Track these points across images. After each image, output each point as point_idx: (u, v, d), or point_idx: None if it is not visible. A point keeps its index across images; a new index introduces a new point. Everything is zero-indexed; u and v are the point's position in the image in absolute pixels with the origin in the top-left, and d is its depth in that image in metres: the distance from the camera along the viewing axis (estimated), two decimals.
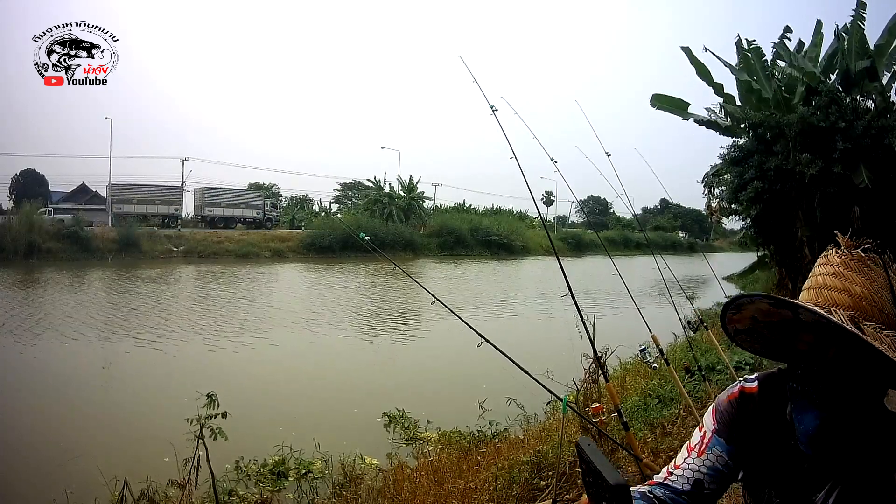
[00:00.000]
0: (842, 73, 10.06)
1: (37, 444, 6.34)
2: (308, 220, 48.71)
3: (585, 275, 21.39)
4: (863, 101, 10.07)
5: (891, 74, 10.03)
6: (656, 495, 1.04)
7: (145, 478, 4.13)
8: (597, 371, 3.36)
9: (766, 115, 10.14)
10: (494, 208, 61.98)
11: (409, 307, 17.45)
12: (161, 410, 6.93)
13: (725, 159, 10.97)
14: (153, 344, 11.59)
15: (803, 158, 9.44)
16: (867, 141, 9.05)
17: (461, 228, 46.08)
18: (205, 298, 18.68)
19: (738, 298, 1.02)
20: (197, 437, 3.44)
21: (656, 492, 1.05)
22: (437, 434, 5.84)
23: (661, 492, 1.05)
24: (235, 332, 12.97)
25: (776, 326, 1.03)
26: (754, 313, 1.03)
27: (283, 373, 9.68)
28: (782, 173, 9.85)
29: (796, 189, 9.92)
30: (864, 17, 9.75)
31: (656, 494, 1.05)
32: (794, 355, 1.00)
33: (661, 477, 1.08)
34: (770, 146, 10.21)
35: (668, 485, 1.06)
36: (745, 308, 1.03)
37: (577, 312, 3.17)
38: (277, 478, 4.89)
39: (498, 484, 3.53)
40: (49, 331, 12.59)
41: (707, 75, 11.22)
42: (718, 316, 1.12)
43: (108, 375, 9.34)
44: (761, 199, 10.17)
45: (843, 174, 9.19)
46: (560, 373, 3.64)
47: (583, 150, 4.79)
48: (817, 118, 9.31)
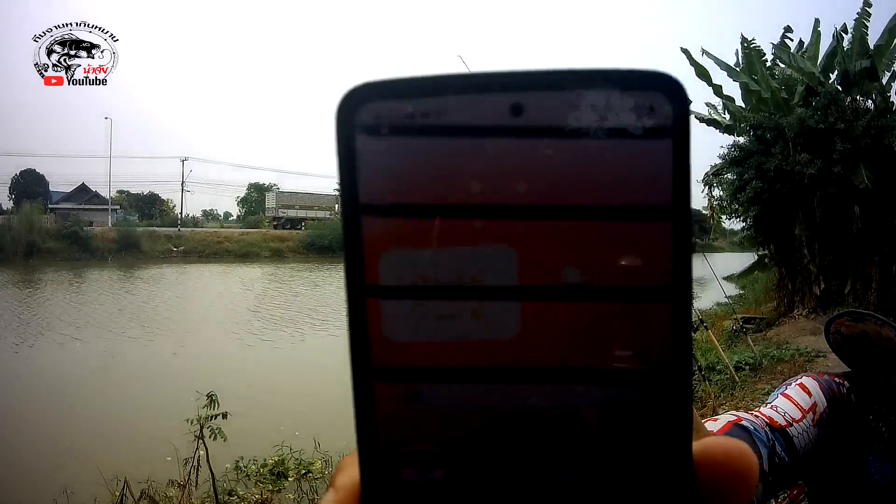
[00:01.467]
0: (841, 73, 10.05)
1: (37, 443, 6.34)
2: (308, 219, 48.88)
3: None
4: (863, 101, 10.06)
5: (891, 74, 10.03)
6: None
7: (145, 478, 4.13)
8: None
9: (766, 115, 10.13)
10: None
11: None
12: (161, 410, 6.92)
13: (725, 159, 10.96)
14: (153, 344, 11.59)
15: (802, 159, 9.43)
16: (867, 141, 9.04)
17: None
18: (204, 298, 18.69)
19: (864, 315, 1.01)
20: (197, 437, 3.45)
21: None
22: None
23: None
24: (235, 331, 12.97)
25: (884, 352, 1.00)
26: (869, 329, 1.01)
27: (283, 372, 9.69)
28: (782, 173, 9.84)
29: (796, 189, 9.91)
30: (869, 13, 9.73)
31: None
32: (884, 388, 0.99)
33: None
34: (770, 146, 10.21)
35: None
36: (865, 321, 1.01)
37: None
38: (277, 478, 4.88)
39: None
40: (49, 330, 12.60)
41: (706, 76, 11.21)
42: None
43: (107, 375, 9.35)
44: (761, 199, 10.17)
45: (843, 174, 9.19)
46: None
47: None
48: (816, 120, 9.30)
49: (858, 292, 9.87)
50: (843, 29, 10.24)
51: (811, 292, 10.32)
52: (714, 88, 11.24)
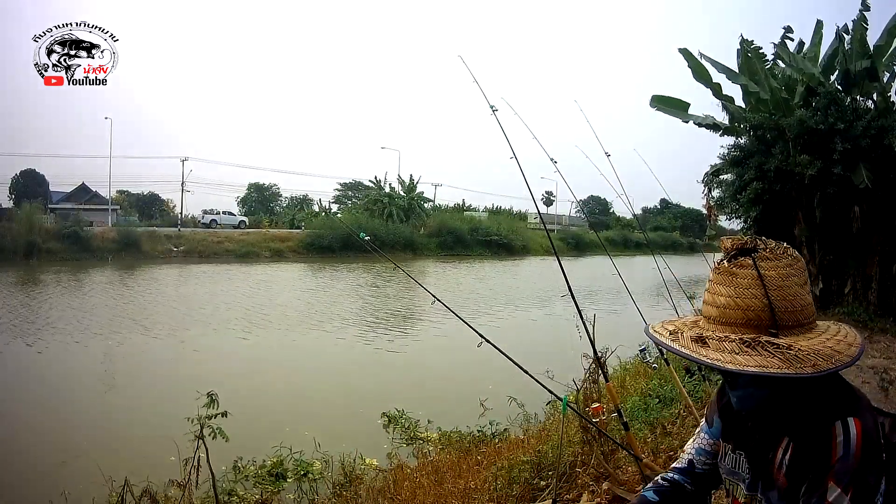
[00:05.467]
0: (842, 74, 10.05)
1: (37, 443, 6.34)
2: (308, 220, 48.77)
3: (586, 275, 21.39)
4: (863, 101, 10.05)
5: (891, 74, 10.03)
6: (669, 478, 1.34)
7: (145, 477, 4.13)
8: (597, 371, 3.35)
9: (766, 115, 10.13)
10: (494, 208, 62.02)
11: (408, 307, 17.45)
12: (161, 410, 6.92)
13: (725, 159, 10.96)
14: (153, 344, 11.59)
15: (802, 160, 9.43)
16: (867, 141, 9.04)
17: (461, 228, 46.08)
18: (204, 298, 18.67)
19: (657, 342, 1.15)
20: (197, 437, 3.44)
21: (669, 475, 1.35)
22: (438, 434, 5.83)
23: (671, 475, 1.34)
24: (235, 331, 12.97)
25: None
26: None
27: (283, 373, 9.68)
28: (782, 174, 9.84)
29: (796, 190, 9.91)
30: (866, 17, 9.74)
31: (668, 478, 1.34)
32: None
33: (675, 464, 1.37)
34: (770, 147, 10.21)
35: (675, 467, 1.35)
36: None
37: (577, 312, 3.17)
38: (276, 479, 4.88)
39: (498, 484, 3.53)
40: (49, 330, 12.59)
41: (706, 76, 11.20)
42: None
43: (108, 374, 9.35)
44: (761, 199, 10.17)
45: (843, 175, 9.18)
46: (560, 373, 3.64)
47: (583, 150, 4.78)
48: (816, 121, 9.30)
49: (858, 292, 9.87)
50: (843, 29, 10.24)
51: (811, 292, 10.32)
52: (713, 88, 11.23)
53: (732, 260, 1.07)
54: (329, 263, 32.69)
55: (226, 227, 42.68)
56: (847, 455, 0.98)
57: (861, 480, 0.97)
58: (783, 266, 1.05)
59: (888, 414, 1.17)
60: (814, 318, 1.08)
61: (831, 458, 0.99)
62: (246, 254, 35.04)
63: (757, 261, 1.05)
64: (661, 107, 11.51)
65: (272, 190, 63.25)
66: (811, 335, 1.04)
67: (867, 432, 1.00)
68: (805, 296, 1.07)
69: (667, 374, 5.01)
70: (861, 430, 0.99)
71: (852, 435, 0.99)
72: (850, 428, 0.99)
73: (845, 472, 0.97)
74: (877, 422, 1.05)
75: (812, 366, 0.96)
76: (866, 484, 0.98)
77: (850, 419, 1.00)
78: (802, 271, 1.08)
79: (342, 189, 63.42)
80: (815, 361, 0.97)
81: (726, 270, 1.07)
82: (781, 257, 1.06)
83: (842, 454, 0.98)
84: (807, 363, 0.96)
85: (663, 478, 1.34)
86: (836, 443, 0.99)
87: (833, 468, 0.98)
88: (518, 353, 2.91)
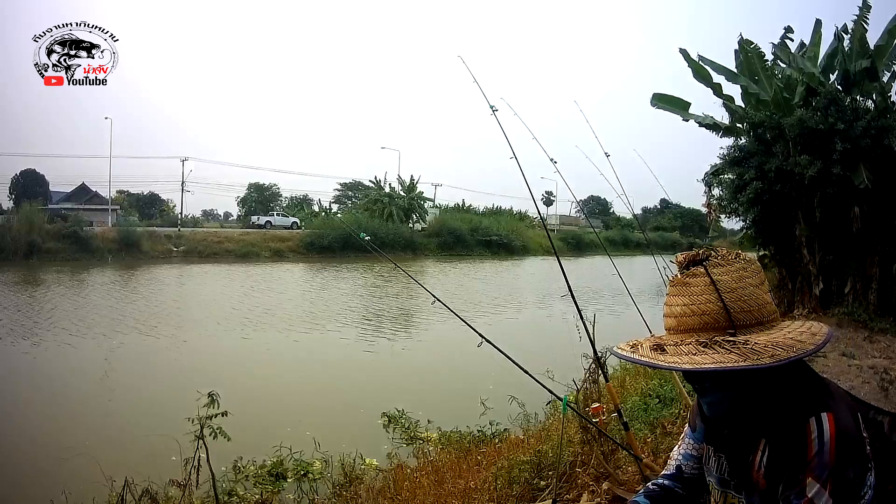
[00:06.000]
0: (842, 74, 10.04)
1: (37, 442, 6.34)
2: (308, 219, 48.75)
3: (585, 275, 21.39)
4: (863, 101, 10.05)
5: (891, 74, 10.02)
6: (659, 483, 1.34)
7: (146, 477, 4.13)
8: (597, 371, 3.35)
9: (766, 115, 10.13)
10: (494, 208, 61.96)
11: (409, 307, 17.45)
12: (161, 410, 6.92)
13: (725, 159, 10.95)
14: (153, 343, 11.59)
15: (802, 160, 9.42)
16: (867, 141, 9.03)
17: (461, 228, 46.07)
18: (205, 298, 18.68)
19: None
20: (197, 436, 3.44)
21: (659, 481, 1.35)
22: (438, 434, 5.83)
23: (661, 481, 1.35)
24: (236, 331, 12.98)
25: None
26: None
27: (284, 372, 9.69)
28: (782, 174, 9.84)
29: (796, 190, 9.90)
30: (866, 17, 9.73)
31: (659, 483, 1.35)
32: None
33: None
34: (770, 147, 10.21)
35: (665, 473, 1.36)
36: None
37: (577, 312, 3.18)
38: (276, 479, 4.88)
39: (498, 484, 3.53)
40: (49, 329, 12.60)
41: (706, 76, 11.21)
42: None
43: (108, 374, 9.34)
44: (761, 199, 10.16)
45: (843, 175, 9.18)
46: (560, 373, 3.65)
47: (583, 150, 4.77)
48: (816, 121, 9.29)
49: (858, 292, 9.86)
50: (843, 29, 10.23)
51: (811, 292, 10.32)
52: (713, 88, 11.24)
53: (685, 271, 1.09)
54: (329, 263, 32.69)
55: (278, 227, 45.62)
56: (822, 451, 0.98)
57: (839, 475, 0.98)
58: (735, 270, 1.07)
59: (888, 413, 1.17)
60: (775, 317, 1.09)
61: (807, 454, 0.99)
62: (246, 254, 35.04)
63: (709, 268, 1.07)
64: (662, 105, 11.51)
65: (272, 190, 63.18)
66: (772, 332, 1.05)
67: (841, 427, 1.00)
68: (762, 295, 1.08)
69: (667, 373, 5.02)
70: (835, 425, 0.99)
71: (825, 430, 0.99)
72: (824, 423, 1.00)
73: (822, 467, 0.98)
74: (856, 415, 1.05)
75: (770, 356, 0.97)
76: (845, 478, 0.98)
77: (824, 414, 1.00)
78: (757, 272, 1.09)
79: (342, 189, 63.43)
80: (774, 352, 0.97)
81: (680, 282, 1.09)
82: (733, 262, 1.08)
83: (817, 450, 0.98)
84: (764, 354, 0.97)
85: (654, 483, 1.35)
86: (811, 439, 0.99)
87: (809, 465, 0.99)
88: (518, 353, 2.91)
